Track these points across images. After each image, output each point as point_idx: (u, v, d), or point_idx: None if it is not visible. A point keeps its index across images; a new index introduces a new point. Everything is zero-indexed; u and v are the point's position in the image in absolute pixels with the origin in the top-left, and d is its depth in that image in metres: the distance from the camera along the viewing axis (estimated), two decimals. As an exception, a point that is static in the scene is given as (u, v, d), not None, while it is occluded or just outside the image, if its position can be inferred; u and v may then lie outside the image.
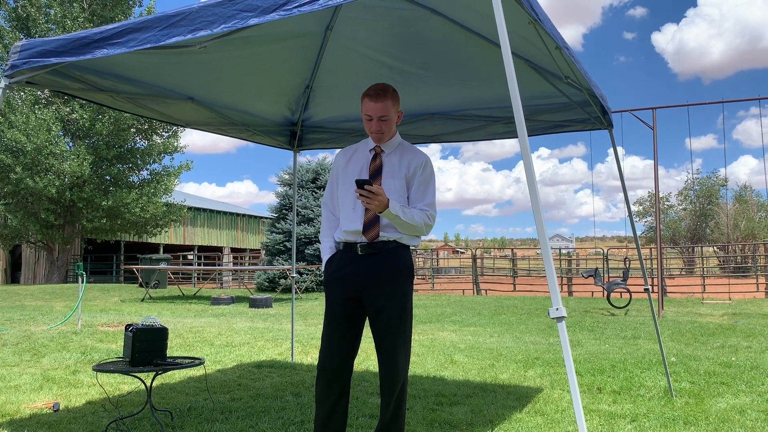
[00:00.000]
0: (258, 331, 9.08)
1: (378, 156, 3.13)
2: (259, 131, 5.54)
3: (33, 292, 18.38)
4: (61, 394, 4.92)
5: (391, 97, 3.06)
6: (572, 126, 5.08)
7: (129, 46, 2.81)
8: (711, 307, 13.70)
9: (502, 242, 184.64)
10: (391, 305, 2.99)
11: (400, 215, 2.94)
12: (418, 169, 3.10)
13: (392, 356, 2.98)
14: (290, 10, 2.46)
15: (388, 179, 3.08)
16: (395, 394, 3.01)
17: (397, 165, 3.11)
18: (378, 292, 3.00)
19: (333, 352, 3.07)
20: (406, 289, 3.05)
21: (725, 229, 41.52)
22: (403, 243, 3.07)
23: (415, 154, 3.15)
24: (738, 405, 4.53)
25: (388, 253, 3.03)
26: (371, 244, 3.02)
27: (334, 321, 3.08)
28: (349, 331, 3.07)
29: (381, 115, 3.04)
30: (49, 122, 22.92)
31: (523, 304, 15.10)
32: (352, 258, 3.06)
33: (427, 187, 3.12)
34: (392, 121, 3.09)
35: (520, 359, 6.58)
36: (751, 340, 8.12)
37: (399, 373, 2.99)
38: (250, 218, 43.45)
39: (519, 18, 2.87)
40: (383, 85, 3.09)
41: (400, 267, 3.04)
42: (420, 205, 3.08)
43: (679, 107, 12.58)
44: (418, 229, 3.05)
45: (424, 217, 3.05)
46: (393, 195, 3.02)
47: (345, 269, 3.07)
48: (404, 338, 3.01)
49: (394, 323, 2.98)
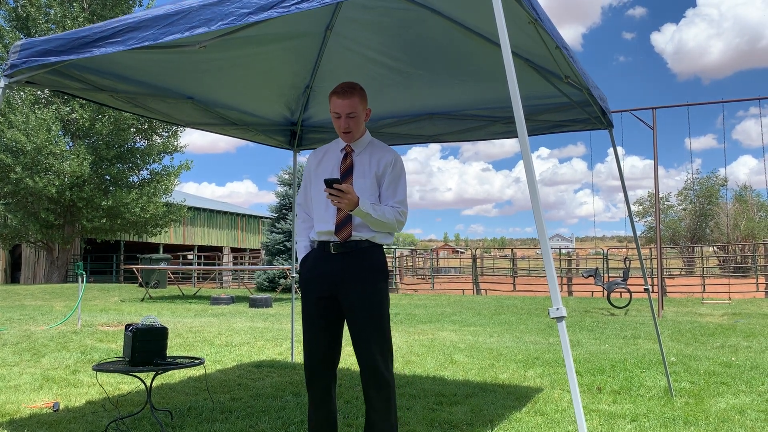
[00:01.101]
0: (258, 331, 9.08)
1: (349, 155, 3.16)
2: (259, 131, 5.54)
3: (33, 292, 18.38)
4: (61, 394, 4.92)
5: (358, 95, 3.09)
6: (572, 126, 5.08)
7: (128, 45, 2.80)
8: (711, 307, 13.70)
9: (502, 242, 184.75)
10: (366, 304, 3.02)
11: (371, 213, 2.97)
12: (388, 167, 3.12)
13: (369, 354, 3.00)
14: (288, 8, 2.46)
15: (359, 178, 3.10)
16: (380, 391, 3.02)
17: (368, 164, 3.13)
18: (351, 291, 3.03)
19: (312, 351, 3.13)
20: (380, 288, 3.07)
21: (725, 229, 41.53)
22: (376, 242, 3.09)
23: (384, 152, 3.18)
24: (738, 405, 4.53)
25: (360, 252, 3.06)
26: (344, 243, 3.05)
27: (311, 320, 3.13)
28: (326, 330, 3.11)
29: (349, 112, 3.07)
30: (49, 122, 22.92)
31: (523, 304, 15.10)
32: (326, 257, 3.09)
33: (397, 184, 3.14)
34: (360, 118, 3.12)
35: (520, 359, 6.58)
36: (751, 340, 8.12)
37: (379, 371, 3.00)
38: (250, 218, 43.45)
39: (519, 17, 2.87)
40: (350, 82, 3.12)
41: (373, 266, 3.07)
42: (391, 203, 3.11)
43: (678, 107, 12.58)
44: (390, 226, 3.08)
45: (396, 214, 3.07)
46: (364, 194, 3.04)
47: (319, 268, 3.11)
48: (382, 335, 3.03)
49: (369, 322, 3.01)
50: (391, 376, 3.05)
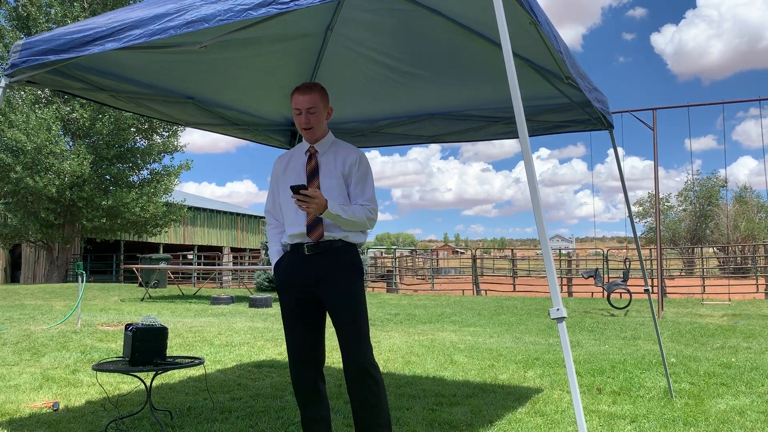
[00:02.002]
0: (258, 331, 9.08)
1: (313, 156, 3.17)
2: (259, 131, 5.54)
3: (33, 292, 18.37)
4: (61, 394, 4.92)
5: (318, 92, 3.12)
6: (573, 126, 5.08)
7: (125, 42, 2.79)
8: (711, 308, 13.70)
9: (502, 242, 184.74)
10: (343, 304, 3.04)
11: (341, 214, 2.98)
12: (354, 166, 3.13)
13: (355, 352, 3.02)
14: (287, 4, 2.45)
15: (325, 178, 3.11)
16: (365, 388, 3.02)
17: (333, 163, 3.14)
18: (328, 291, 3.05)
19: (294, 352, 3.15)
20: (356, 286, 3.08)
21: (725, 230, 41.52)
22: (350, 241, 3.10)
23: (349, 151, 3.19)
24: (738, 406, 4.53)
25: (334, 252, 3.07)
26: (317, 244, 3.06)
27: (291, 322, 3.15)
28: (306, 330, 3.13)
29: (309, 107, 3.09)
30: (49, 121, 22.92)
31: (523, 304, 15.10)
32: (300, 259, 3.10)
33: (365, 182, 3.15)
34: (321, 115, 3.14)
35: (520, 359, 6.58)
36: (750, 341, 8.12)
37: (363, 367, 3.01)
38: (250, 218, 43.45)
39: (520, 18, 2.87)
40: (312, 82, 3.19)
41: (348, 265, 3.08)
42: (360, 201, 3.11)
43: (678, 108, 12.58)
44: (361, 225, 3.09)
45: (366, 212, 3.08)
46: (332, 194, 3.05)
47: (294, 271, 3.12)
48: (360, 332, 3.04)
49: (347, 320, 3.03)
50: (378, 371, 3.07)
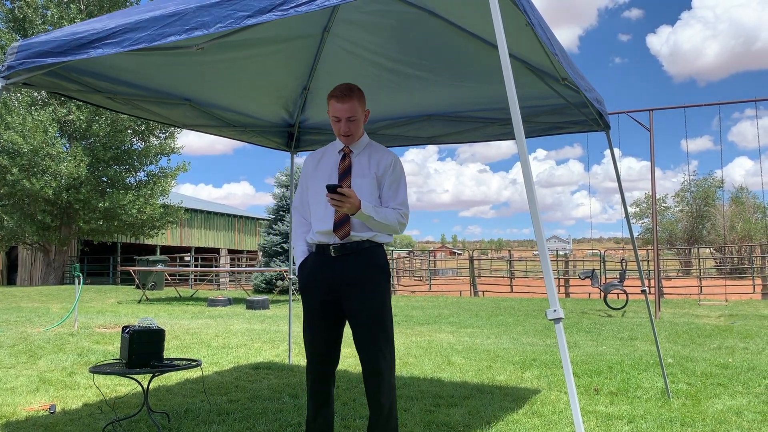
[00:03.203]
0: (255, 333, 9.07)
1: (347, 156, 3.14)
2: (256, 133, 5.54)
3: (29, 294, 18.33)
4: (58, 396, 4.91)
5: (357, 97, 3.05)
6: (569, 128, 5.09)
7: (123, 46, 2.78)
8: (708, 309, 13.72)
9: (499, 243, 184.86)
10: (369, 306, 2.99)
11: (374, 215, 2.95)
12: (388, 169, 3.11)
13: (374, 357, 2.98)
14: (287, 11, 2.45)
15: (357, 178, 3.08)
16: (384, 397, 3.00)
17: (367, 164, 3.11)
18: (354, 293, 3.00)
19: (315, 356, 3.11)
20: (382, 289, 3.05)
21: (722, 230, 41.61)
22: (377, 241, 3.07)
23: (383, 154, 3.16)
24: (735, 406, 4.54)
25: (362, 253, 3.03)
26: (344, 245, 3.02)
27: (314, 325, 3.11)
28: (329, 334, 3.09)
29: (349, 115, 3.04)
30: (46, 123, 22.88)
31: (521, 305, 15.10)
32: (326, 260, 3.06)
33: (398, 186, 3.13)
34: (360, 121, 3.10)
35: (518, 360, 6.59)
36: (747, 342, 8.14)
37: (383, 374, 2.98)
38: (247, 220, 43.41)
39: (516, 20, 2.87)
40: (348, 85, 3.08)
41: (375, 266, 3.05)
42: (392, 204, 3.09)
43: (675, 109, 12.60)
44: (391, 228, 3.06)
45: (398, 216, 3.06)
46: (364, 194, 3.02)
47: (319, 272, 3.08)
48: (385, 338, 3.01)
49: (373, 324, 2.98)
50: (393, 378, 3.04)
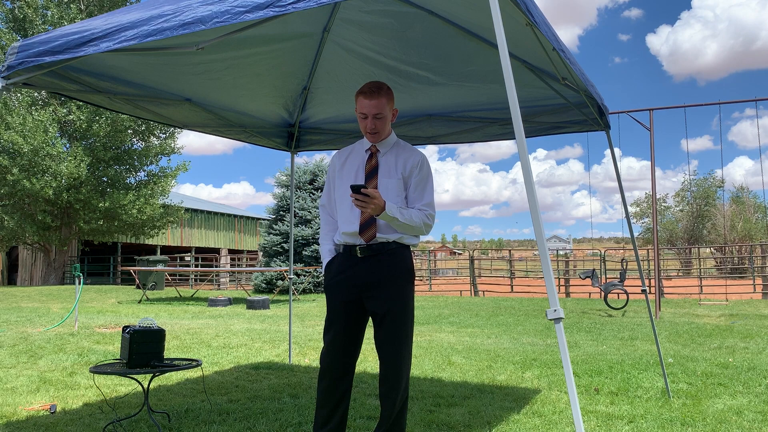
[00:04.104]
0: (255, 333, 9.07)
1: (374, 156, 3.10)
2: (256, 132, 5.54)
3: (30, 294, 18.33)
4: (58, 396, 4.91)
5: (385, 95, 3.03)
6: (569, 127, 5.09)
7: (121, 42, 2.78)
8: (708, 308, 13.72)
9: (500, 243, 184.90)
10: (393, 308, 2.96)
11: (398, 217, 2.91)
12: (415, 169, 3.07)
13: (395, 360, 2.95)
14: (285, 7, 2.44)
15: (384, 178, 3.05)
16: (398, 397, 2.98)
17: (394, 164, 3.07)
18: (379, 294, 2.97)
19: (335, 356, 3.07)
20: (407, 291, 3.02)
21: (722, 230, 41.61)
22: (403, 243, 3.03)
23: (411, 153, 3.12)
24: (735, 406, 4.54)
25: (387, 254, 3.00)
26: (370, 246, 2.99)
27: (336, 324, 3.06)
28: (350, 335, 3.06)
29: (376, 112, 3.01)
30: (46, 123, 22.87)
31: (521, 305, 15.10)
32: (352, 261, 3.04)
33: (425, 186, 3.08)
34: (387, 119, 3.06)
35: (518, 360, 6.58)
36: (748, 341, 8.14)
37: (402, 377, 2.96)
38: (248, 219, 43.41)
39: (516, 19, 2.88)
40: (378, 82, 3.06)
41: (401, 268, 3.01)
42: (418, 205, 3.05)
43: (675, 109, 12.60)
44: (417, 230, 3.02)
45: (423, 217, 3.02)
46: (390, 194, 2.99)
47: (345, 273, 3.05)
48: (406, 341, 2.99)
49: (396, 326, 2.96)
50: (408, 380, 3.03)
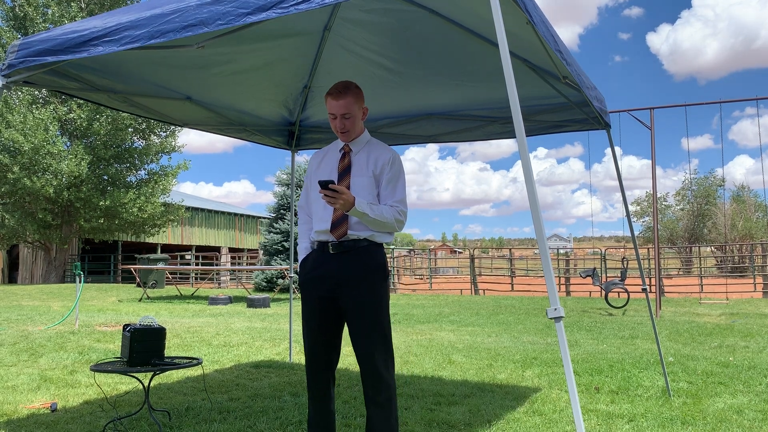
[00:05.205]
0: (256, 331, 9.07)
1: (347, 155, 3.16)
2: (257, 131, 5.54)
3: (30, 292, 18.34)
4: (59, 394, 4.91)
5: (353, 95, 3.08)
6: (570, 126, 5.09)
7: (122, 44, 2.78)
8: (708, 307, 13.72)
9: (500, 242, 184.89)
10: (365, 304, 3.01)
11: (368, 212, 2.95)
12: (386, 166, 3.11)
13: (370, 355, 2.99)
14: (287, 8, 2.44)
15: (356, 177, 3.10)
16: (379, 393, 3.01)
17: (365, 162, 3.13)
18: (351, 291, 3.02)
19: (312, 352, 3.15)
20: (379, 288, 3.05)
21: (723, 229, 41.59)
22: (375, 241, 3.08)
23: (382, 151, 3.17)
24: (735, 405, 4.54)
25: (359, 251, 3.04)
26: (341, 242, 3.04)
27: (311, 321, 3.14)
28: (326, 330, 3.12)
29: (344, 112, 3.07)
30: (47, 122, 22.89)
31: (521, 304, 15.10)
32: (325, 257, 3.09)
33: (396, 183, 3.13)
34: (356, 118, 3.12)
35: (518, 359, 6.59)
36: (748, 340, 8.14)
37: (379, 372, 2.99)
38: (248, 218, 43.42)
39: (517, 18, 2.87)
40: (345, 82, 3.11)
41: (373, 265, 3.06)
42: (390, 202, 3.09)
43: (675, 107, 12.60)
44: (389, 226, 3.06)
45: (395, 214, 3.06)
46: (362, 192, 3.03)
47: (318, 269, 3.11)
48: (381, 336, 3.02)
49: (368, 322, 3.00)
50: (392, 377, 3.04)
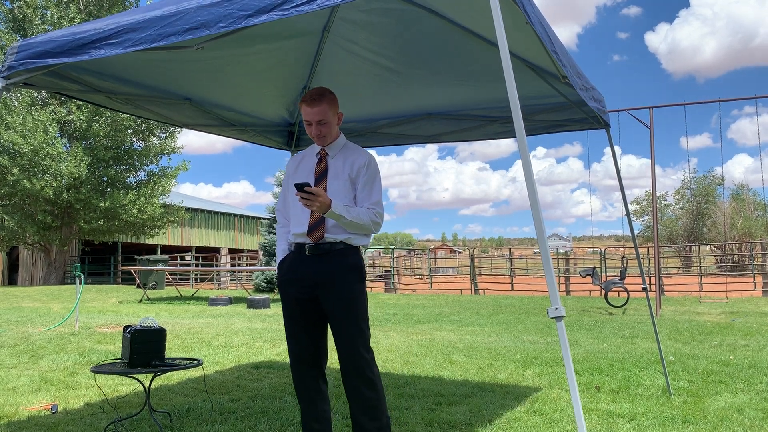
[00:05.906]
0: (256, 332, 9.07)
1: (323, 159, 3.21)
2: (256, 132, 5.54)
3: (30, 294, 18.34)
4: (59, 396, 4.91)
5: (327, 101, 3.14)
6: (569, 126, 5.08)
7: (124, 47, 2.78)
8: (708, 306, 13.72)
9: (500, 242, 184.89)
10: (342, 306, 3.04)
11: (345, 215, 2.99)
12: (362, 169, 3.15)
13: (350, 354, 3.02)
14: (288, 10, 2.44)
15: (332, 180, 3.14)
16: (367, 391, 3.03)
17: (342, 166, 3.17)
18: (328, 293, 3.06)
19: (294, 352, 3.18)
20: (355, 289, 3.08)
21: (722, 227, 41.59)
22: (352, 244, 3.11)
23: (358, 155, 3.21)
24: (736, 403, 4.54)
25: (335, 254, 3.08)
26: (318, 245, 3.08)
27: (291, 321, 3.18)
28: (307, 330, 3.15)
29: (319, 119, 3.12)
30: (46, 123, 22.88)
31: (521, 303, 15.11)
32: (302, 259, 3.13)
33: (372, 186, 3.17)
34: (331, 123, 3.17)
35: (519, 359, 6.59)
36: (748, 339, 8.14)
37: (364, 371, 3.02)
38: (248, 219, 43.42)
39: (516, 18, 2.87)
40: (319, 89, 3.18)
41: (349, 266, 3.09)
42: (366, 204, 3.13)
43: (674, 106, 12.61)
44: (365, 228, 3.10)
45: (371, 215, 3.09)
46: (338, 195, 3.08)
47: (296, 271, 3.14)
48: (360, 334, 3.05)
49: (347, 322, 3.03)
50: (376, 375, 3.07)
